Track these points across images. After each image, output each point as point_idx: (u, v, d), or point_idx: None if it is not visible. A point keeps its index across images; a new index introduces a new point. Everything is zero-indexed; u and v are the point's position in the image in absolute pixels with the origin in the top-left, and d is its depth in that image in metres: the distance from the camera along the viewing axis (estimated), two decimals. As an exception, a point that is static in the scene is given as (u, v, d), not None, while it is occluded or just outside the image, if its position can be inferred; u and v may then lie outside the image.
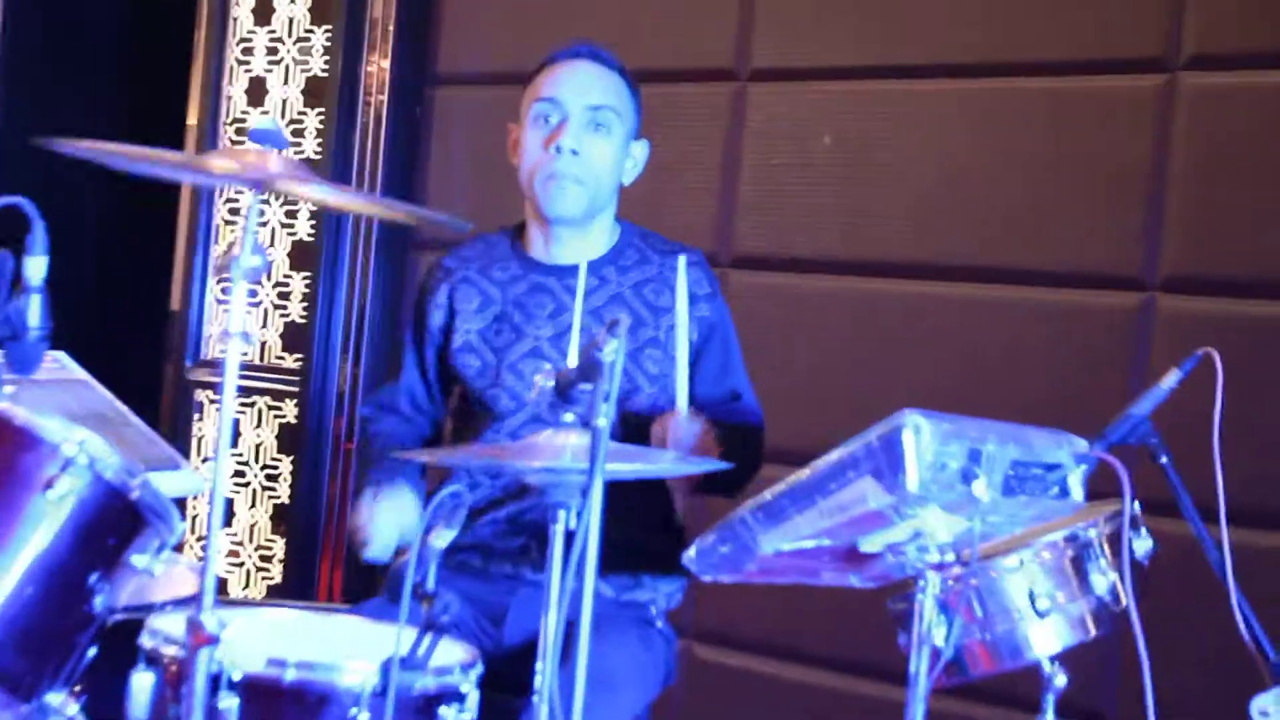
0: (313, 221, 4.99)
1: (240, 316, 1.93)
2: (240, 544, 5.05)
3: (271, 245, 5.02)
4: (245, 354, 2.32)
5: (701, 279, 2.99)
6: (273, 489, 5.05)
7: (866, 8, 4.18)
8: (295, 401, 5.02)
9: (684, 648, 4.25)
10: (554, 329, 2.93)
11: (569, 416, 2.11)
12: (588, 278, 2.76)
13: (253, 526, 5.06)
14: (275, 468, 5.06)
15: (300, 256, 5.05)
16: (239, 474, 5.07)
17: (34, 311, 1.95)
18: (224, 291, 5.15)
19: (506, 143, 3.02)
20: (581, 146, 2.86)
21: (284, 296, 5.05)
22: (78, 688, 2.10)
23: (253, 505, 5.05)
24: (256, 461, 5.08)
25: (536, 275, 2.98)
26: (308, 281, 5.01)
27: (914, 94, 4.10)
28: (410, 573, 2.06)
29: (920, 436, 2.06)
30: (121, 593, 2.10)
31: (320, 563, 4.94)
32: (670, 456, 2.58)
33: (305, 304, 5.01)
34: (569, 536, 2.05)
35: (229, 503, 5.02)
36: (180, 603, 2.39)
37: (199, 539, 5.02)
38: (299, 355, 5.02)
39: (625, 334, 1.94)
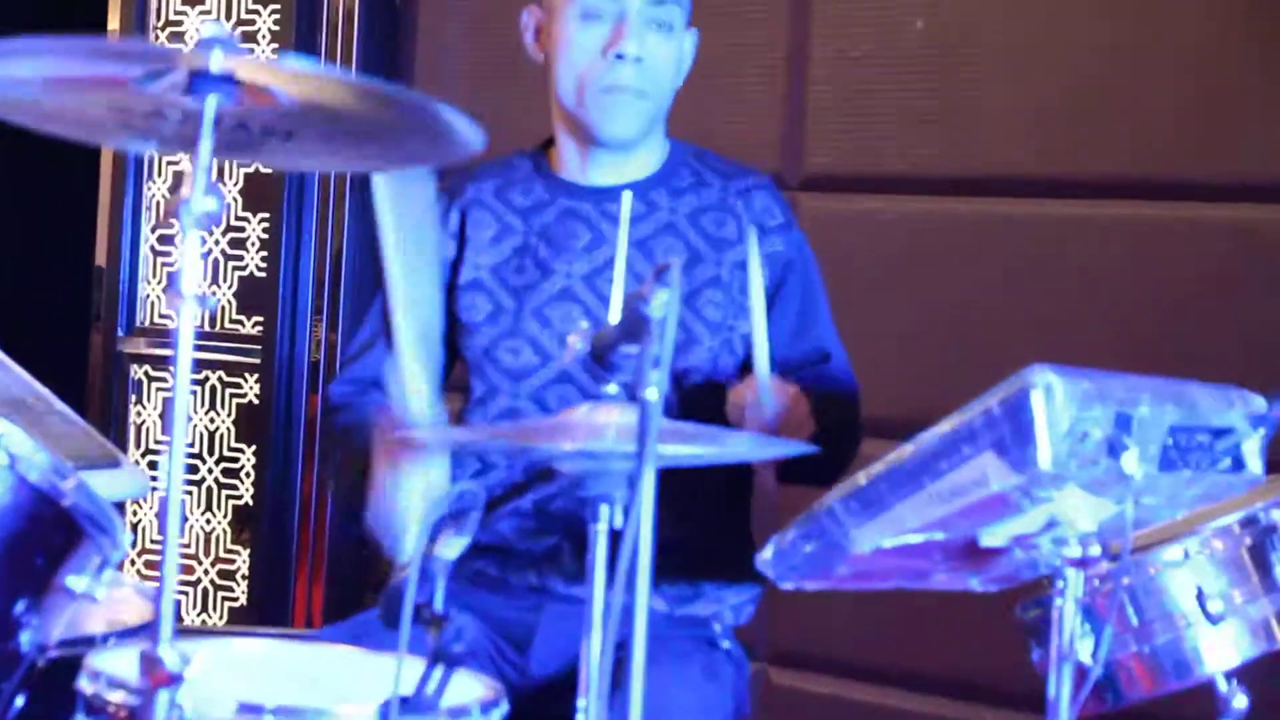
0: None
1: (193, 274, 1.93)
2: (194, 557, 5.05)
3: (220, 180, 5.02)
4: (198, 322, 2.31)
5: (772, 207, 2.99)
6: (232, 487, 5.06)
7: None
8: (257, 376, 5.04)
9: (756, 672, 4.26)
10: (590, 265, 2.93)
11: (611, 387, 2.08)
12: (634, 203, 2.76)
13: (209, 535, 5.07)
14: (235, 460, 5.07)
15: (256, 193, 5.06)
16: (190, 469, 5.03)
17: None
18: (162, 241, 5.15)
19: (522, 34, 3.00)
20: (645, 51, 2.85)
21: (238, 245, 5.06)
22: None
23: (208, 508, 5.05)
24: (211, 453, 5.09)
25: (568, 199, 2.97)
26: (266, 225, 5.03)
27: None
28: (412, 591, 2.05)
29: (1053, 399, 2.06)
30: (55, 624, 2.11)
31: (295, 578, 4.95)
32: (744, 436, 2.53)
33: (265, 253, 5.03)
34: (613, 538, 2.03)
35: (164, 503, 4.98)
36: (127, 634, 2.40)
37: (142, 554, 5.05)
38: (259, 318, 5.04)
39: (679, 280, 1.93)
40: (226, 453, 5.06)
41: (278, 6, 4.99)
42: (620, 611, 1.91)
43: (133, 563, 4.83)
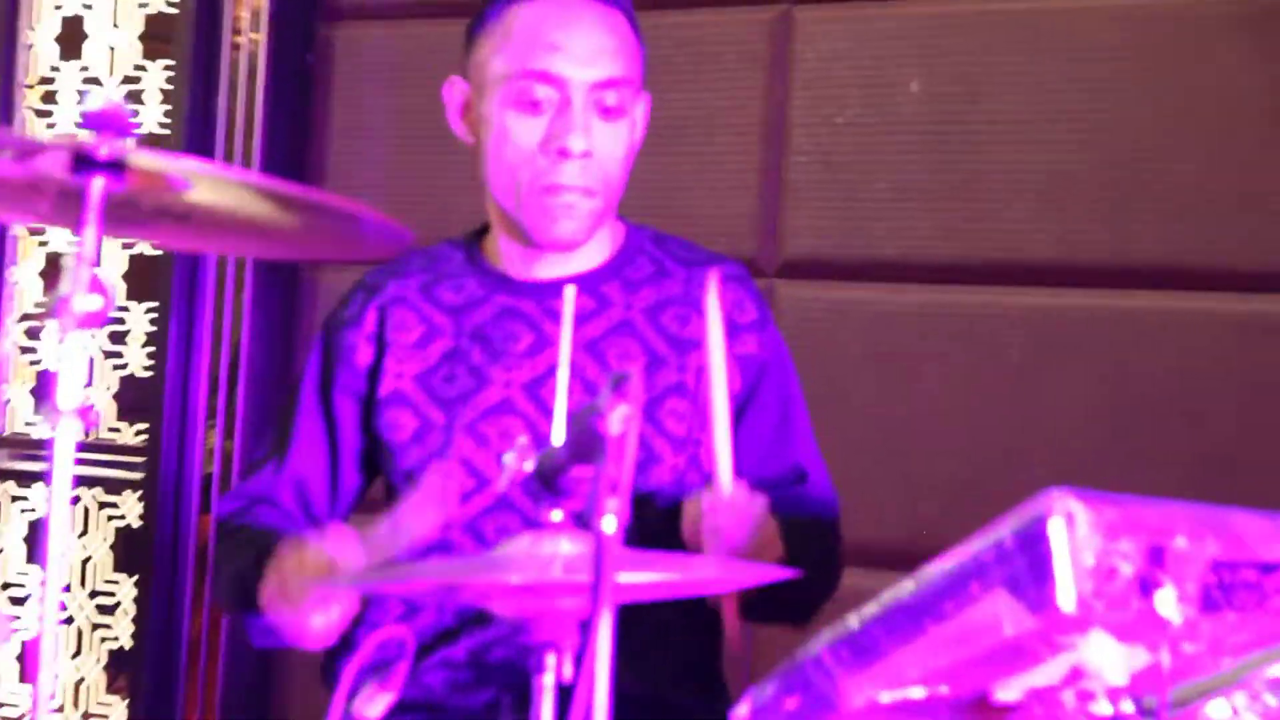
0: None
1: (73, 384, 1.94)
2: (59, 710, 5.01)
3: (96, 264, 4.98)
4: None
5: (744, 301, 2.98)
6: (107, 627, 5.02)
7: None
8: (139, 494, 5.01)
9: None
10: (532, 372, 2.90)
11: (556, 514, 2.08)
12: (582, 298, 2.74)
13: (78, 684, 5.02)
14: (110, 594, 5.03)
15: (141, 278, 5.03)
16: (62, 607, 4.99)
17: None
18: (29, 335, 5.12)
19: (446, 105, 2.99)
20: (592, 143, 2.83)
21: (118, 339, 5.03)
22: None
23: (77, 652, 5.00)
24: (82, 586, 5.05)
25: (506, 296, 2.95)
26: (153, 316, 5.01)
27: (1041, 13, 4.11)
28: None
29: (1076, 529, 2.06)
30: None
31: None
32: (711, 562, 2.50)
33: (150, 349, 5.01)
34: (561, 692, 2.01)
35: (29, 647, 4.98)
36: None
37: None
38: (142, 425, 5.02)
39: (640, 391, 1.92)
40: (101, 586, 5.02)
41: (170, 62, 5.00)
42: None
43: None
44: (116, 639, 5.01)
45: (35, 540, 5.07)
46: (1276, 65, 3.82)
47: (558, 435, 2.10)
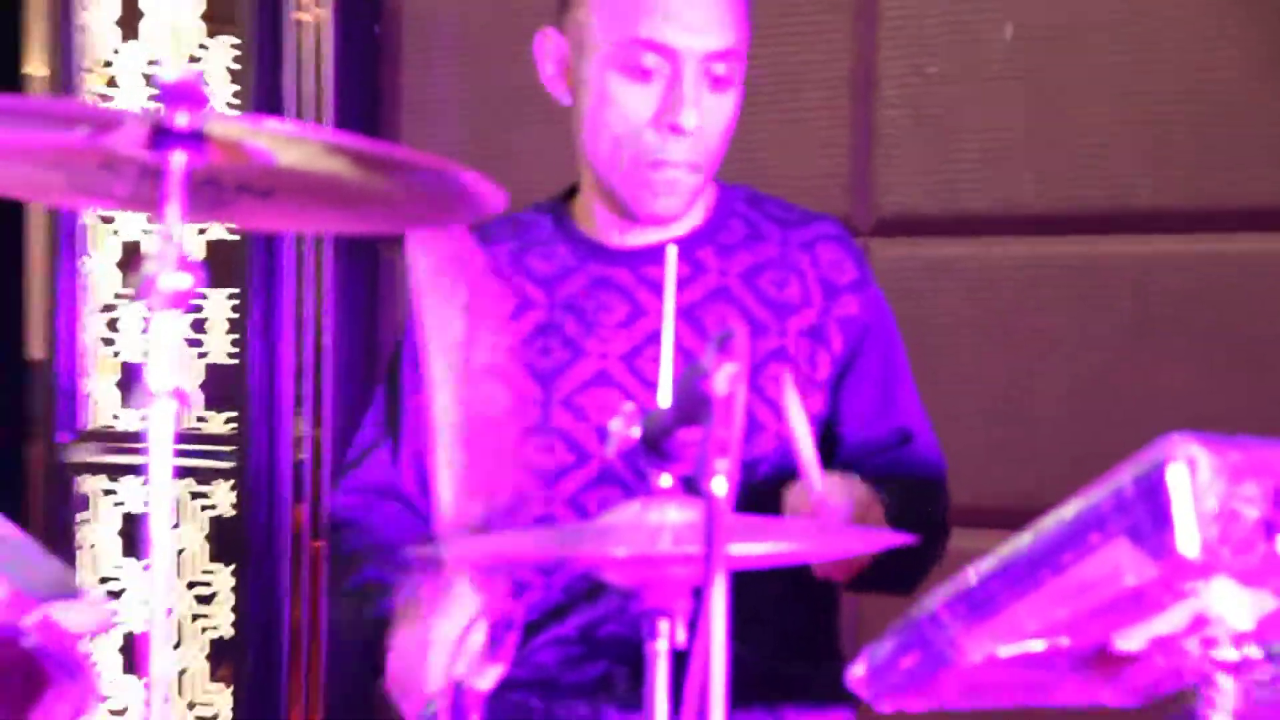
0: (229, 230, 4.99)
1: (165, 365, 1.95)
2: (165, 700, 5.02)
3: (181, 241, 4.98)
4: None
5: (843, 261, 2.97)
6: (206, 617, 5.06)
7: None
8: (231, 484, 5.03)
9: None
10: (629, 342, 2.89)
11: (665, 480, 2.08)
12: (679, 263, 2.70)
13: (181, 674, 5.06)
14: (207, 584, 5.06)
15: (220, 264, 4.98)
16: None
17: None
18: (110, 327, 5.13)
19: (537, 63, 2.92)
20: (701, 115, 2.78)
21: (200, 327, 5.05)
22: None
23: (178, 644, 5.03)
24: (180, 576, 5.06)
25: (599, 264, 2.93)
26: (234, 302, 5.03)
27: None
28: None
29: (1197, 474, 2.05)
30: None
31: (285, 720, 4.94)
32: (821, 532, 2.45)
33: (233, 336, 5.04)
34: (676, 660, 2.02)
35: (134, 639, 5.04)
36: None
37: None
38: (230, 414, 5.04)
39: (746, 348, 1.91)
40: (198, 576, 5.05)
41: (237, 40, 5.00)
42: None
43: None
44: (216, 628, 5.05)
45: (130, 533, 5.09)
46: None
47: (663, 398, 2.10)
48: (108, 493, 5.17)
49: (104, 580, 5.08)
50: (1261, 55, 3.89)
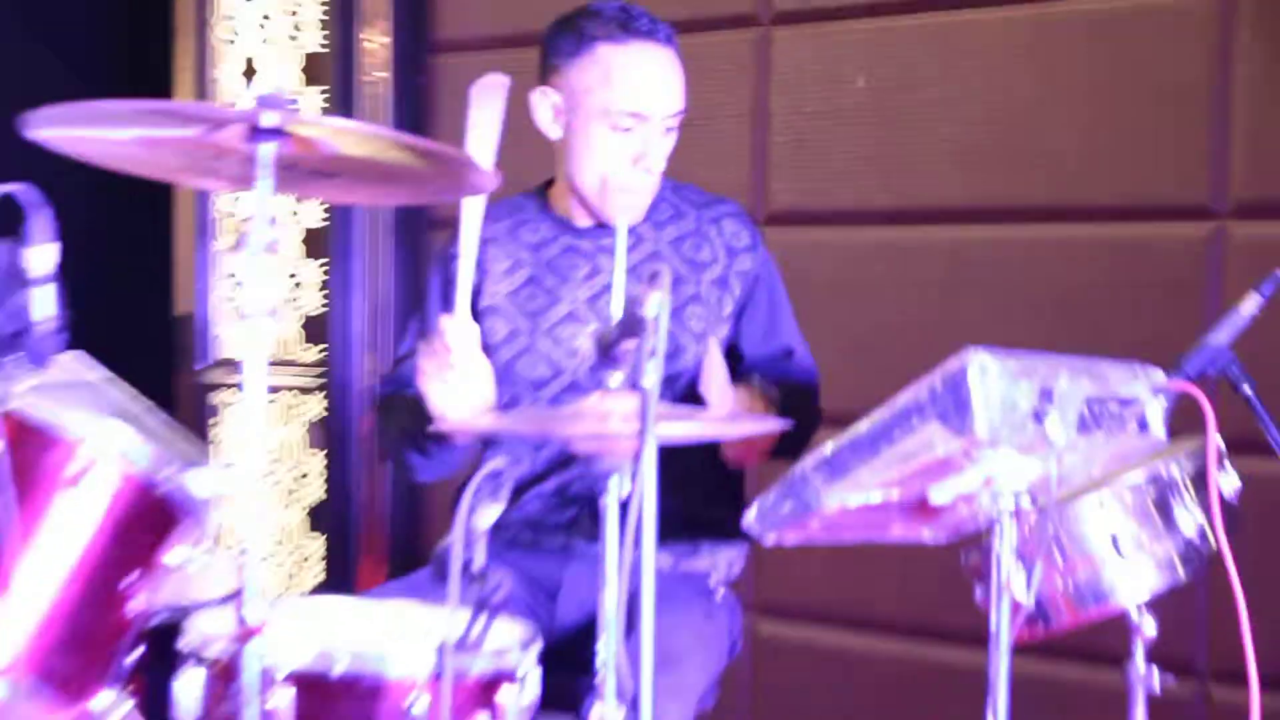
0: (323, 210, 4.96)
1: (263, 292, 1.92)
2: (278, 545, 5.03)
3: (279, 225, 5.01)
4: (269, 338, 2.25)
5: (740, 231, 2.95)
6: (305, 487, 5.04)
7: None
8: (321, 396, 5.01)
9: (746, 624, 4.23)
10: (590, 291, 2.87)
11: (615, 378, 2.05)
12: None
13: (287, 528, 5.05)
14: (305, 466, 5.05)
15: (312, 244, 5.03)
16: (269, 474, 5.03)
17: (43, 302, 1.94)
18: (233, 289, 5.12)
19: (531, 112, 2.87)
20: (660, 159, 2.82)
21: (299, 288, 5.03)
22: (128, 688, 2.08)
23: (286, 506, 5.03)
24: (285, 460, 5.08)
25: (569, 237, 2.92)
26: (323, 270, 5.00)
27: (951, 25, 4.04)
28: (457, 552, 2.04)
29: (987, 376, 2.03)
30: (161, 591, 2.09)
31: (359, 559, 4.94)
32: (723, 416, 2.50)
33: (323, 294, 5.01)
34: (622, 506, 2.01)
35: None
36: (222, 601, 2.37)
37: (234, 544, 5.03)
38: (321, 348, 5.01)
39: (669, 285, 1.90)
40: (298, 460, 5.05)
41: (325, 87, 4.98)
42: (630, 566, 1.90)
43: (230, 549, 4.77)
44: (312, 496, 5.05)
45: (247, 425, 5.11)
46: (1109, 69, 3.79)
47: (611, 320, 2.06)
48: (229, 404, 5.13)
49: (228, 465, 5.04)
50: (1034, 97, 3.88)
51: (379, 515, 4.93)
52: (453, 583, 2.03)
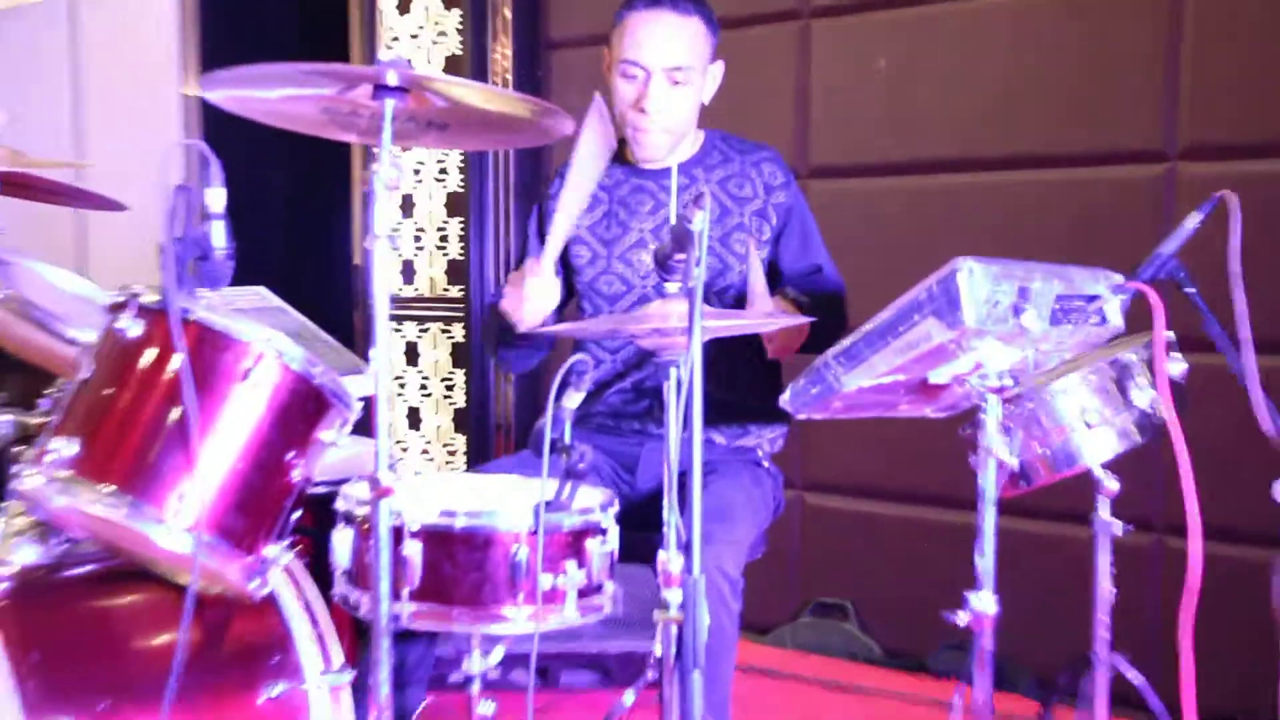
0: (461, 176, 4.92)
1: (385, 219, 1.88)
2: (430, 443, 5.05)
3: (430, 199, 5.00)
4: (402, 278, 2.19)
5: (776, 172, 2.86)
6: (451, 397, 5.04)
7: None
8: (462, 325, 4.99)
9: (796, 497, 4.21)
10: (654, 223, 2.81)
11: (672, 286, 1.99)
12: (680, 176, 2.67)
13: (438, 428, 5.05)
14: (451, 379, 5.04)
15: (454, 205, 4.98)
16: (423, 387, 5.06)
17: (218, 235, 1.91)
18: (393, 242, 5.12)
19: (604, 63, 2.80)
20: (663, 104, 2.69)
21: (444, 240, 5.02)
22: (292, 542, 2.06)
23: (437, 411, 5.04)
24: (436, 376, 5.06)
25: (636, 178, 2.84)
26: (462, 225, 4.97)
27: (950, 13, 3.93)
28: (548, 430, 2.00)
29: (973, 277, 1.98)
30: (315, 466, 2.06)
31: (495, 452, 4.96)
32: (758, 314, 2.42)
33: (462, 244, 4.97)
34: (679, 393, 1.94)
35: (416, 411, 5.03)
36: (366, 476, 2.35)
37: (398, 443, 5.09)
38: (461, 287, 4.97)
39: (710, 205, 1.84)
40: (446, 375, 5.03)
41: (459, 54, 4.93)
42: (686, 444, 1.85)
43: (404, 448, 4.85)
44: (456, 403, 5.02)
45: (408, 350, 5.12)
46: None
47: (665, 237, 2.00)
48: (396, 330, 5.11)
49: (397, 379, 5.11)
50: (1031, 55, 3.79)
51: (508, 416, 4.96)
52: (545, 455, 2.00)
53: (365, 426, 2.07)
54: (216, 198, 1.92)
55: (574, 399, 2.02)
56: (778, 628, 4.23)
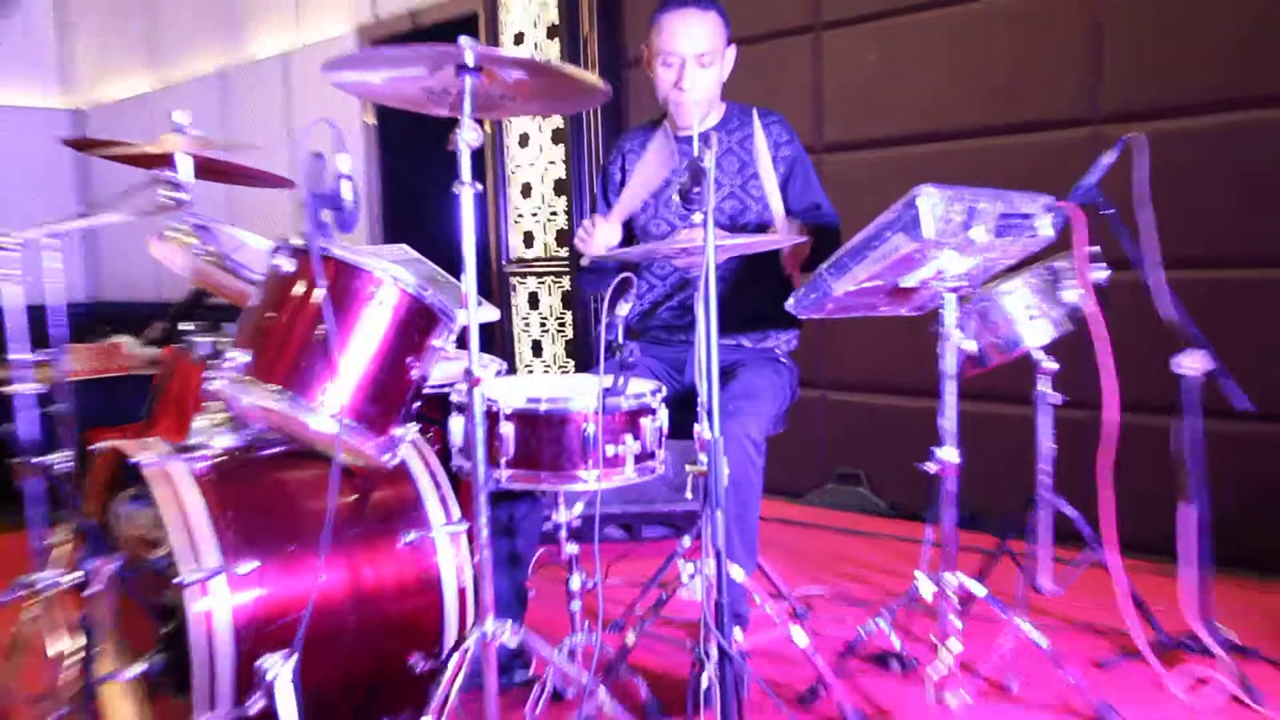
0: (565, 166, 4.82)
1: (466, 169, 1.77)
2: (549, 366, 4.99)
3: (542, 183, 4.91)
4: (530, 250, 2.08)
5: (781, 132, 2.70)
6: (563, 331, 4.96)
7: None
8: (569, 277, 4.90)
9: (821, 395, 4.09)
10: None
11: (696, 217, 1.88)
12: (708, 140, 2.56)
13: (555, 355, 4.99)
14: (563, 319, 4.96)
15: (560, 188, 4.90)
16: (542, 324, 5.00)
17: (346, 191, 1.83)
18: (518, 219, 5.05)
19: (646, 58, 2.66)
20: (695, 82, 2.56)
21: (553, 214, 4.94)
22: (415, 425, 1.99)
23: (554, 342, 4.98)
24: (552, 315, 4.99)
25: (677, 142, 2.68)
26: (566, 203, 4.87)
27: (922, 20, 3.75)
28: (603, 335, 1.91)
29: (931, 199, 1.84)
30: (430, 366, 1.98)
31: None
32: (769, 236, 2.29)
33: (567, 216, 4.89)
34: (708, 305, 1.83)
35: (538, 342, 4.97)
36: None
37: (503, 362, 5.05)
38: (567, 249, 4.89)
39: (716, 146, 1.72)
40: (559, 315, 4.96)
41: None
42: (721, 347, 1.74)
43: (521, 364, 4.84)
44: (567, 335, 4.95)
45: (531, 295, 5.04)
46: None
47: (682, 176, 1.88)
48: (518, 288, 5.04)
49: (523, 319, 5.05)
50: (979, 50, 3.59)
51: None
52: (603, 354, 1.91)
53: (489, 345, 1.99)
54: (344, 162, 1.83)
55: (624, 308, 1.92)
56: (809, 492, 4.14)
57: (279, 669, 1.72)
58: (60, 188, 7.99)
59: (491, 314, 2.87)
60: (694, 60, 2.56)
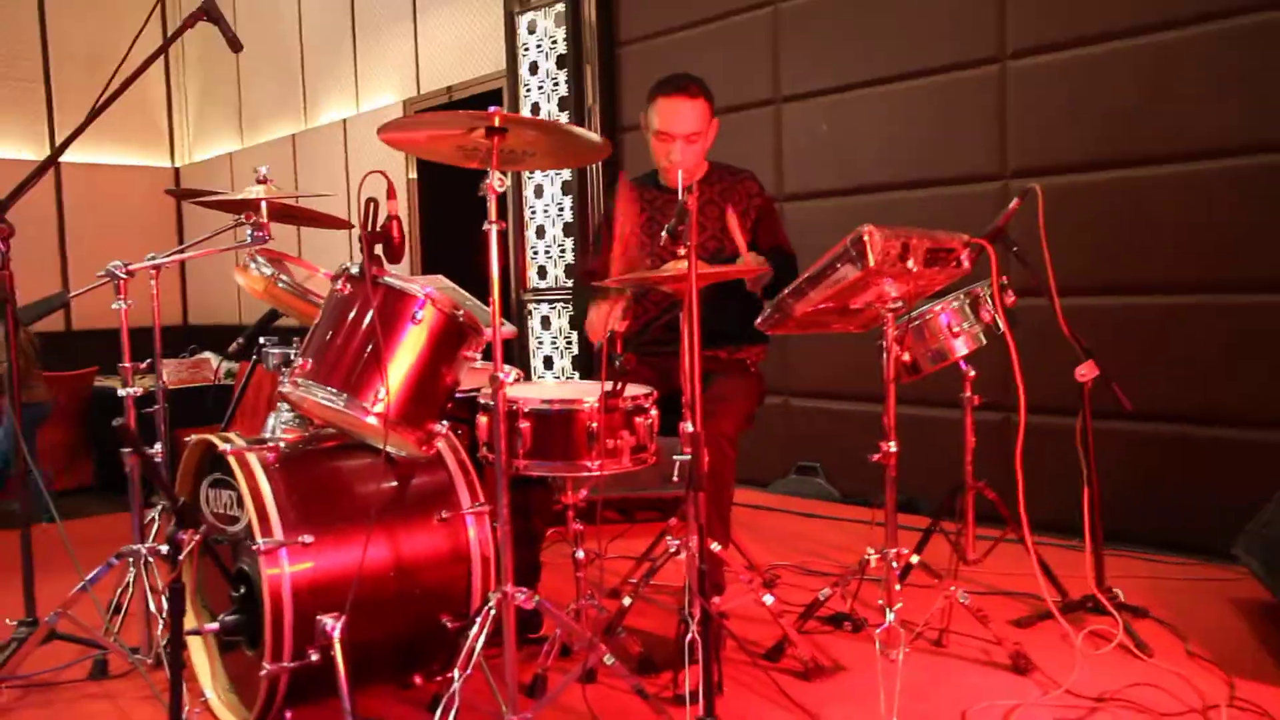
0: (572, 210, 4.81)
1: (495, 210, 1.76)
2: (558, 377, 4.97)
3: (553, 226, 4.90)
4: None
5: (753, 185, 2.68)
6: (570, 348, 4.94)
7: (841, 61, 3.83)
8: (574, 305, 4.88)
9: (783, 401, 4.08)
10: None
11: (681, 251, 1.87)
12: (694, 194, 2.54)
13: (563, 367, 4.95)
14: (570, 338, 4.95)
15: (568, 230, 4.86)
16: (553, 342, 4.97)
17: (395, 230, 1.82)
18: (534, 254, 5.04)
19: (643, 124, 2.62)
20: (684, 155, 2.54)
21: (563, 251, 4.93)
22: (445, 423, 1.98)
23: (562, 357, 4.94)
24: (561, 335, 4.97)
25: (666, 195, 2.69)
26: (573, 242, 4.85)
27: (864, 97, 3.76)
28: (603, 349, 1.91)
29: (874, 237, 1.84)
30: (462, 373, 1.97)
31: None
32: (739, 267, 2.23)
33: (573, 253, 4.86)
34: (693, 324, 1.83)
35: (550, 358, 4.93)
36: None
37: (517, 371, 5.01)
38: (572, 280, 4.86)
39: (696, 194, 1.72)
40: (567, 336, 4.93)
41: (565, 70, 4.74)
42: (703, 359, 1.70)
43: (533, 371, 4.80)
44: (574, 351, 4.91)
45: (545, 319, 5.01)
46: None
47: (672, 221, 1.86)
48: (534, 312, 5.02)
49: (536, 338, 5.02)
50: (911, 119, 3.58)
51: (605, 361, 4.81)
52: (603, 363, 1.90)
53: (510, 357, 1.98)
54: (392, 207, 1.84)
55: (621, 322, 1.92)
56: (774, 481, 4.13)
57: (333, 625, 1.72)
58: (164, 230, 8.20)
59: (512, 332, 2.86)
60: (684, 138, 2.54)
